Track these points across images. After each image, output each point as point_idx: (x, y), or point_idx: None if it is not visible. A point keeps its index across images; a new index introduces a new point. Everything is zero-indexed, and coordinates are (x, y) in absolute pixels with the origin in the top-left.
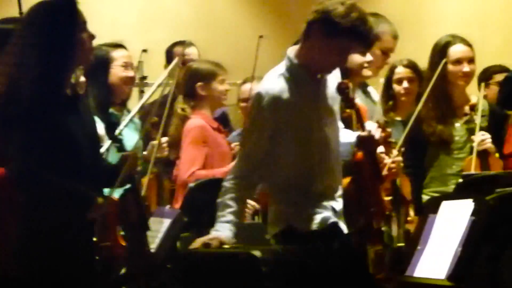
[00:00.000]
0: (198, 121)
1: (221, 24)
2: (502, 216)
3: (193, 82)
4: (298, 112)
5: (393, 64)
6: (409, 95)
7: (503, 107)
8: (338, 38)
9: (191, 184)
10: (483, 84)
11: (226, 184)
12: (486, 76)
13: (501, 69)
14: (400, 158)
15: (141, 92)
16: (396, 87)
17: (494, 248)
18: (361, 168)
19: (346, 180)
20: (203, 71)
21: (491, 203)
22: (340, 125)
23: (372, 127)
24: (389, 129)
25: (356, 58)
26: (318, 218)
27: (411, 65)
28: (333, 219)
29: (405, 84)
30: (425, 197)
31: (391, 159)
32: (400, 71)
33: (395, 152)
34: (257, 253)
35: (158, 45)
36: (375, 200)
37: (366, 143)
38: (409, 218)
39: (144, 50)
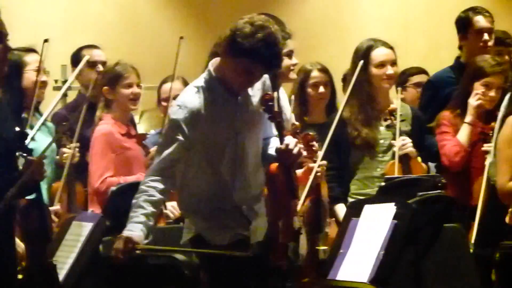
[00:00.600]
0: (104, 127)
1: (144, 27)
2: (423, 219)
3: (100, 87)
4: (214, 127)
5: (306, 68)
6: (324, 99)
7: (424, 111)
8: (239, 58)
9: (113, 188)
10: (400, 89)
11: (142, 186)
12: (402, 79)
13: (417, 71)
14: (324, 162)
15: (65, 96)
16: (311, 91)
17: (416, 251)
18: (275, 181)
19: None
20: (108, 75)
21: (413, 206)
22: (274, 131)
23: (291, 141)
24: (312, 133)
25: (283, 61)
26: (226, 233)
27: (325, 69)
28: (242, 234)
29: (321, 89)
30: (349, 200)
31: (316, 164)
32: (316, 75)
33: (319, 155)
34: (179, 256)
35: None
36: (285, 214)
37: (283, 156)
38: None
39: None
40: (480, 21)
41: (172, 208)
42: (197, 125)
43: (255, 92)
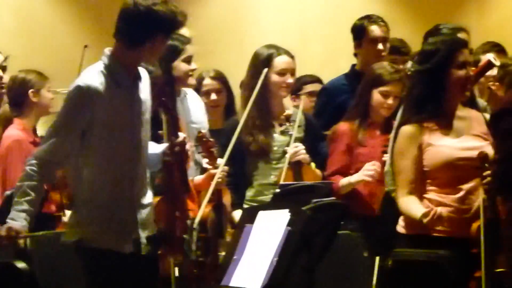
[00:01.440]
0: (16, 134)
1: (43, 32)
2: (317, 226)
3: (24, 89)
4: (115, 112)
5: (200, 75)
6: (217, 107)
7: (318, 118)
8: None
9: (7, 192)
10: (303, 97)
11: (27, 168)
12: (296, 87)
13: (312, 79)
14: (226, 168)
15: None
16: (204, 99)
17: (310, 258)
18: (170, 175)
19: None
20: (33, 79)
21: (307, 213)
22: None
23: (181, 136)
24: (211, 139)
25: (181, 66)
26: (113, 235)
27: (219, 77)
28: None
29: (213, 96)
30: (245, 206)
31: (218, 170)
32: (207, 83)
33: (220, 162)
34: None
35: None
36: (180, 208)
37: (176, 151)
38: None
39: None
40: (375, 30)
41: None
42: (97, 105)
43: (145, 89)
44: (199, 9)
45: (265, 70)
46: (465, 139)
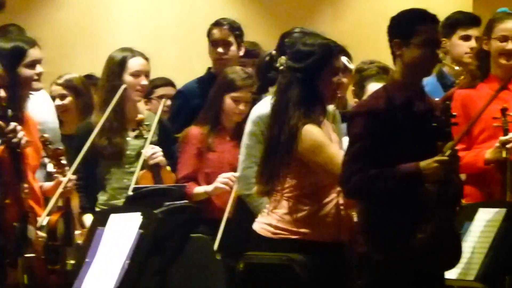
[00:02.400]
0: None
1: None
2: (170, 228)
3: None
4: None
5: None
6: (66, 112)
7: (173, 122)
8: None
9: None
10: (164, 100)
11: None
12: (148, 90)
13: (162, 82)
14: (74, 176)
15: None
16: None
17: (163, 260)
18: (2, 163)
19: None
20: None
21: (159, 216)
22: None
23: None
24: (61, 147)
25: (24, 71)
26: None
27: (67, 84)
28: None
29: (57, 101)
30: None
31: (66, 178)
32: (54, 89)
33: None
34: None
35: None
36: (13, 195)
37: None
38: (78, 232)
39: None
40: (215, 33)
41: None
42: None
43: None
44: (54, 12)
45: (123, 86)
46: None
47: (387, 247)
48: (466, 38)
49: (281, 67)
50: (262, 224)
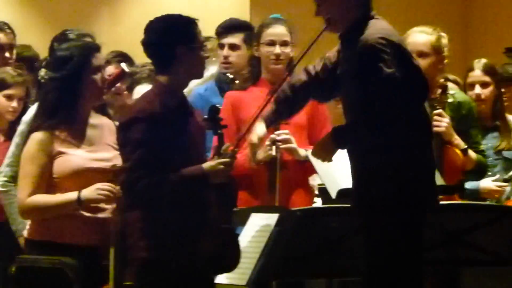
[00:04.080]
0: None
1: None
2: None
3: None
4: None
5: None
6: None
7: None
8: None
9: None
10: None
11: None
12: None
13: None
14: None
15: None
16: None
17: None
18: None
19: None
20: None
21: None
22: None
23: None
24: None
25: None
26: None
27: None
28: None
29: None
30: None
31: None
32: None
33: None
34: None
35: None
36: None
37: None
38: None
39: None
40: (1, 38)
41: None
42: None
43: None
44: None
45: None
46: (96, 148)
47: (169, 252)
48: (222, 46)
49: (43, 80)
50: (29, 227)
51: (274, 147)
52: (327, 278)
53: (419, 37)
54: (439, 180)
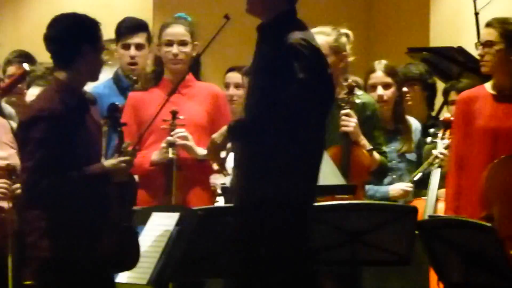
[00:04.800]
0: None
1: None
2: None
3: None
4: None
5: None
6: None
7: None
8: None
9: None
10: None
11: None
12: None
13: None
14: None
15: None
16: None
17: None
18: None
19: None
20: None
21: None
22: None
23: None
24: None
25: None
26: None
27: None
28: None
29: None
30: None
31: None
32: None
33: None
34: None
35: None
36: None
37: None
38: None
39: None
40: None
41: None
42: None
43: None
44: None
45: None
46: None
47: (69, 250)
48: (127, 47)
49: None
50: None
51: (170, 149)
52: (227, 278)
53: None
54: (340, 180)
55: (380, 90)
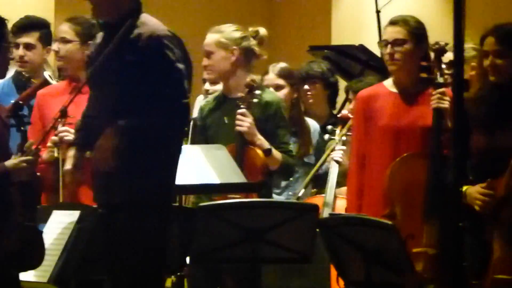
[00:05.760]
0: None
1: None
2: None
3: None
4: None
5: None
6: None
7: None
8: None
9: None
10: None
11: None
12: None
13: None
14: None
15: None
16: None
17: None
18: None
19: None
20: None
21: None
22: None
23: None
24: None
25: None
26: None
27: None
28: None
29: None
30: None
31: None
32: None
33: None
34: None
35: None
36: None
37: None
38: None
39: None
40: None
41: None
42: None
43: None
44: None
45: None
46: None
47: None
48: (17, 46)
49: None
50: None
51: (56, 149)
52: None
53: (207, 37)
54: (240, 178)
55: None
